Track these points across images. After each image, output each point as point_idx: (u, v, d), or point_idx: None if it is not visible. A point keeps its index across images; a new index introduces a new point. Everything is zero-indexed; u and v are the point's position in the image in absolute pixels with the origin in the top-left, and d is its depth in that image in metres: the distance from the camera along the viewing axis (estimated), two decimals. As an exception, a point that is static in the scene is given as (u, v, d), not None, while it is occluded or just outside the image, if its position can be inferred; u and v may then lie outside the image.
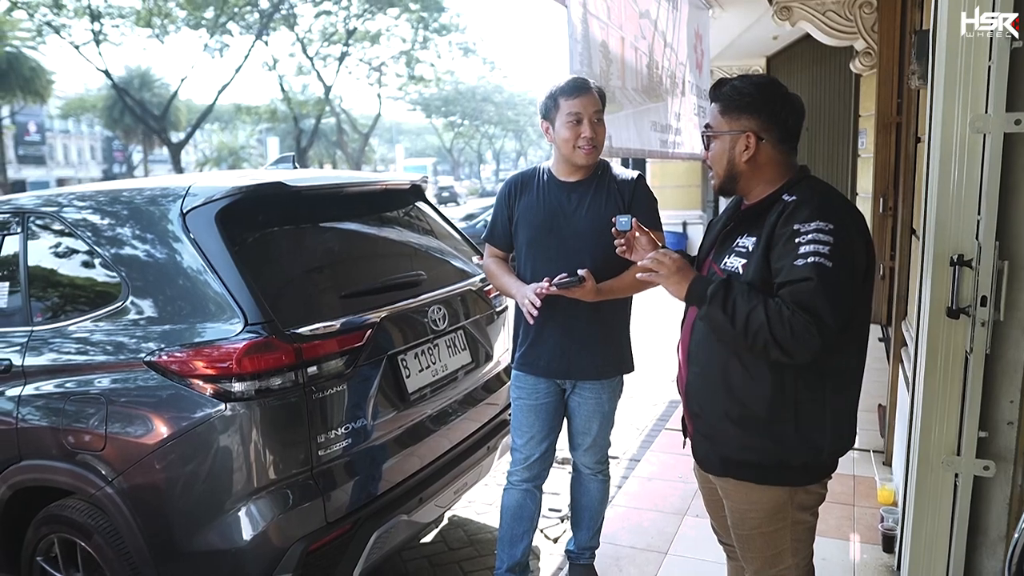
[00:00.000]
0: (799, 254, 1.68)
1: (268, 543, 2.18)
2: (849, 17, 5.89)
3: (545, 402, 2.68)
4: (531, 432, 2.70)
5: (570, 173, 2.60)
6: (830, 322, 1.63)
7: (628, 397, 5.14)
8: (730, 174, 1.89)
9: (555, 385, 2.68)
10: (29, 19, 26.32)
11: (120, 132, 41.06)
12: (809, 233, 1.69)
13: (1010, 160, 1.95)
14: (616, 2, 3.68)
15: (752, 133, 1.83)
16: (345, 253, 2.83)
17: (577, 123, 2.48)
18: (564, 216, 2.56)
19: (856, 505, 3.52)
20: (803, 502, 1.91)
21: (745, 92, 1.84)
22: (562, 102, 2.50)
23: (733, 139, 1.85)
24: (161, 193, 2.50)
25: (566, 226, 2.55)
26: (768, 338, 1.67)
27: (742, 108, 1.84)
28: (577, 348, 2.60)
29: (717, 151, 1.89)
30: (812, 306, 1.63)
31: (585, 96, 2.49)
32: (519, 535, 2.76)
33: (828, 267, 1.65)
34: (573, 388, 2.69)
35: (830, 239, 1.67)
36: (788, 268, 1.69)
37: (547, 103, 2.55)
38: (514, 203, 2.65)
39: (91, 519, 2.35)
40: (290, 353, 2.22)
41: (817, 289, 1.63)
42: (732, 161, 1.87)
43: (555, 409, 2.71)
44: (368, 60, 32.94)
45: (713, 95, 1.91)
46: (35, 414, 2.46)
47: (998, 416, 2.09)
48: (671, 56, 4.73)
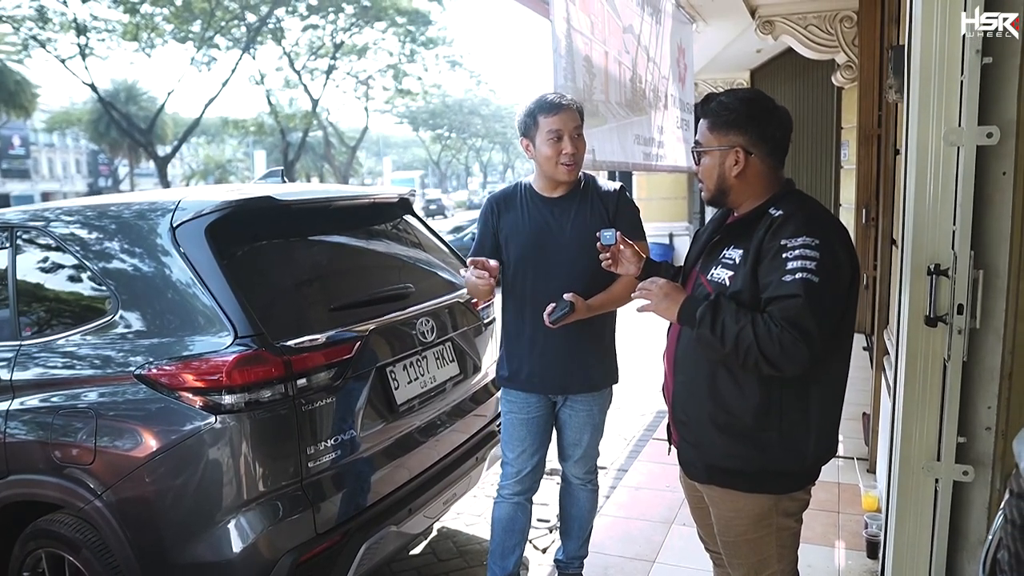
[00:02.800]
0: (787, 270, 1.71)
1: (258, 555, 2.19)
2: (830, 31, 6.00)
3: (537, 416, 2.69)
4: (523, 446, 2.71)
5: (553, 189, 2.62)
6: (817, 337, 1.67)
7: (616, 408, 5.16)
8: (720, 188, 1.93)
9: (546, 399, 2.70)
10: (14, 33, 26.22)
11: (106, 146, 40.80)
12: (796, 248, 1.72)
13: (983, 172, 2.00)
14: (599, 17, 3.73)
15: (741, 148, 1.87)
16: (334, 266, 2.85)
17: (558, 140, 2.49)
18: (551, 232, 2.57)
19: (841, 512, 3.56)
20: (788, 508, 1.94)
21: (732, 108, 1.87)
22: (541, 119, 2.50)
23: (723, 154, 1.89)
24: (150, 207, 2.52)
25: (553, 242, 2.57)
26: (758, 355, 1.71)
27: (730, 124, 1.87)
28: (569, 363, 2.61)
29: (707, 166, 1.93)
30: (800, 322, 1.67)
31: (564, 112, 2.50)
32: (510, 547, 2.77)
33: (815, 282, 1.68)
34: (564, 401, 2.71)
35: (816, 254, 1.71)
36: (776, 283, 1.72)
37: (526, 121, 2.55)
38: (498, 221, 2.66)
39: (80, 533, 2.35)
40: (279, 366, 2.24)
41: (804, 306, 1.67)
42: (722, 176, 1.91)
43: (546, 422, 2.73)
44: (355, 73, 33.03)
45: (701, 111, 1.94)
46: (23, 428, 2.46)
47: (976, 422, 2.13)
48: (654, 70, 4.79)
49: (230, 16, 27.42)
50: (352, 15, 29.78)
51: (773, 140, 1.89)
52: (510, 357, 2.70)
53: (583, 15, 3.48)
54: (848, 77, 6.15)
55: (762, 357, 1.70)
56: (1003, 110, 1.97)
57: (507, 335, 2.72)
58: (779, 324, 1.68)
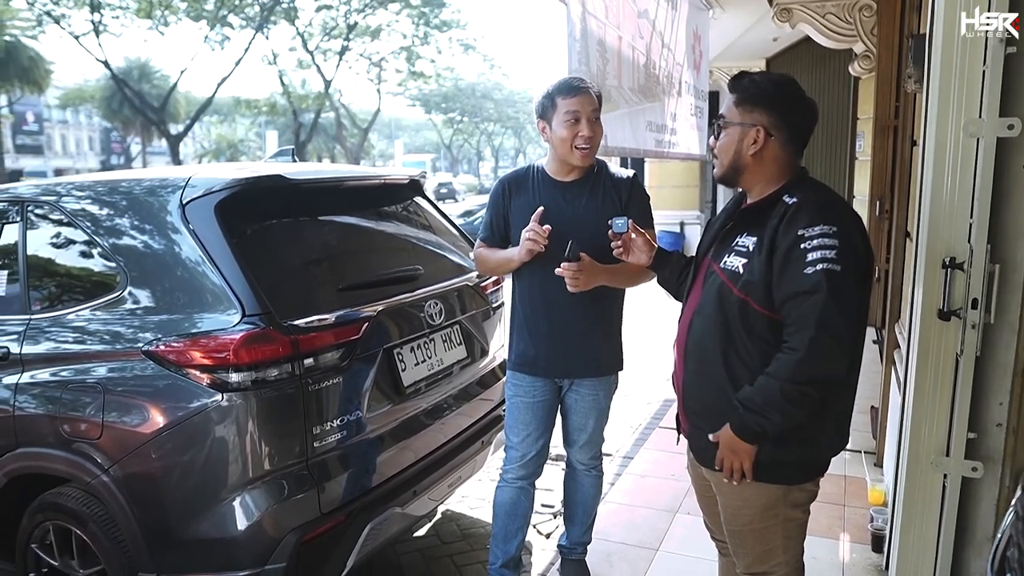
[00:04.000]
0: (807, 262, 1.70)
1: (262, 533, 2.20)
2: (849, 20, 5.91)
3: (542, 400, 2.69)
4: (528, 430, 2.70)
5: (566, 173, 2.59)
6: (845, 333, 1.68)
7: (623, 395, 5.16)
8: (734, 165, 1.91)
9: (552, 383, 2.69)
10: (29, 8, 26.21)
11: (118, 123, 40.88)
12: (815, 239, 1.71)
13: (1003, 164, 1.97)
14: (614, 1, 3.69)
15: (762, 128, 1.86)
16: (343, 247, 2.84)
17: (575, 122, 2.47)
18: (562, 216, 2.54)
19: (847, 505, 3.55)
20: (796, 499, 1.93)
21: (763, 87, 1.88)
22: (559, 101, 2.49)
23: (743, 131, 1.87)
24: (160, 184, 2.51)
25: (564, 225, 2.52)
26: (810, 391, 1.72)
27: (756, 101, 1.87)
28: (576, 346, 2.61)
29: (726, 141, 1.91)
30: (827, 320, 1.66)
31: (583, 95, 2.49)
32: (513, 531, 2.78)
33: (837, 272, 1.68)
34: (570, 385, 2.70)
35: (835, 242, 1.70)
36: (798, 277, 1.71)
37: (544, 102, 2.54)
38: (509, 202, 2.63)
39: (87, 507, 2.36)
40: (287, 345, 2.23)
41: (829, 302, 1.66)
42: (739, 152, 1.89)
43: (551, 406, 2.72)
44: (368, 55, 32.91)
45: (732, 86, 1.93)
46: (32, 402, 2.47)
47: (987, 418, 2.11)
48: (668, 56, 4.75)
49: (244, -5, 27.34)
50: (366, -4, 29.65)
51: (795, 127, 1.88)
52: (517, 340, 2.69)
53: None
54: (866, 67, 6.07)
55: (811, 386, 1.71)
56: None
57: (514, 318, 2.71)
58: (799, 331, 1.69)
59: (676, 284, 2.22)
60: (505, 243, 2.66)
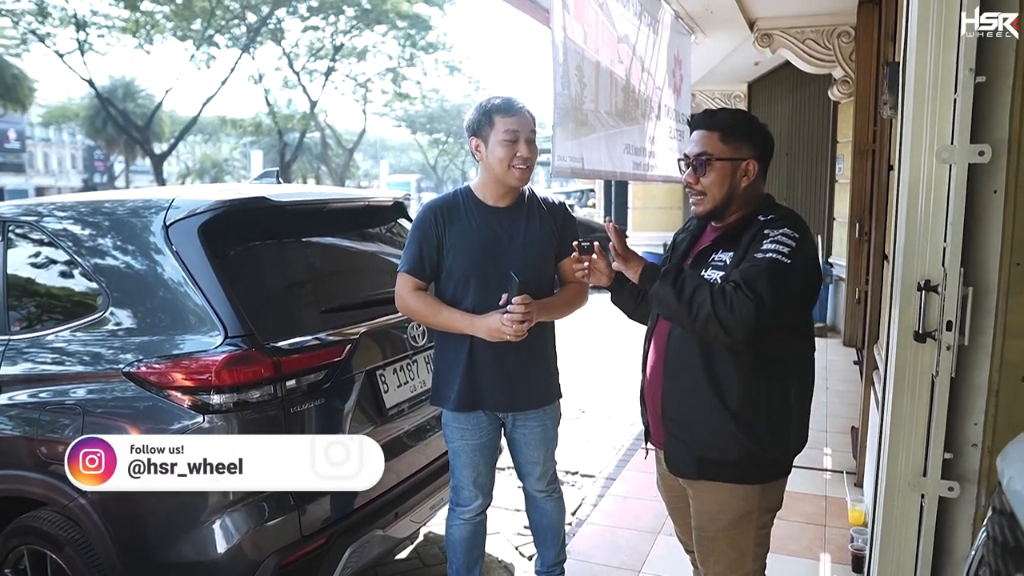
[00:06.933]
0: (761, 248, 1.81)
1: (242, 556, 2.18)
2: (828, 46, 6.03)
3: (489, 438, 2.60)
4: (478, 469, 2.61)
5: (499, 198, 2.51)
6: (768, 304, 1.74)
7: (605, 416, 5.17)
8: (727, 199, 1.97)
9: (496, 418, 2.61)
10: (13, 27, 26.16)
11: (102, 142, 40.58)
12: (776, 236, 1.82)
13: (974, 189, 2.01)
14: (593, 27, 3.74)
15: (753, 160, 1.94)
16: (326, 268, 2.85)
17: (513, 142, 2.40)
18: (501, 244, 2.48)
19: (827, 525, 3.56)
20: (769, 502, 2.02)
21: (743, 121, 1.97)
22: (498, 119, 2.41)
23: (735, 165, 1.94)
24: (144, 205, 2.51)
25: (505, 254, 2.47)
26: (709, 311, 1.77)
27: (742, 135, 1.95)
28: (518, 379, 2.52)
29: (716, 177, 1.95)
30: (755, 286, 1.75)
31: (522, 116, 2.43)
32: (474, 560, 2.73)
33: (783, 263, 1.77)
34: (515, 421, 2.62)
35: (792, 244, 1.81)
36: (749, 259, 1.82)
37: (480, 119, 2.44)
38: (443, 230, 2.47)
39: (63, 531, 2.33)
40: (269, 366, 2.23)
41: (764, 273, 1.76)
42: (733, 187, 1.95)
43: (496, 441, 2.67)
44: (354, 76, 33.09)
45: (708, 123, 1.98)
46: (8, 423, 2.45)
47: (963, 438, 2.14)
48: (648, 80, 4.80)
49: (231, 15, 27.45)
50: (353, 17, 29.84)
51: (768, 156, 1.99)
52: (454, 379, 2.51)
53: (577, 24, 3.49)
54: (844, 92, 6.19)
55: (713, 314, 1.77)
56: (995, 129, 1.99)
57: (445, 354, 2.55)
58: (734, 285, 1.77)
59: (634, 304, 2.24)
60: (436, 276, 2.54)
